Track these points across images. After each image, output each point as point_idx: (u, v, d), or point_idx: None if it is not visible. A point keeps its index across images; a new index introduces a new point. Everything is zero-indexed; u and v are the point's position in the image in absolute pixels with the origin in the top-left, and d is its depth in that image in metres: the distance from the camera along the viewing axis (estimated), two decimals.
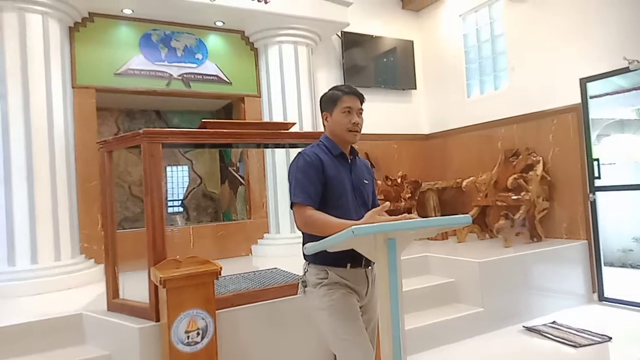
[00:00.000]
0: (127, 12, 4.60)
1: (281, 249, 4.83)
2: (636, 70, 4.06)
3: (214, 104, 6.63)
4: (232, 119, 6.04)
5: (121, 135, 2.86)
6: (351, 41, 5.87)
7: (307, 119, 5.18)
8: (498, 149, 5.28)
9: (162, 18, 4.81)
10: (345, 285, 1.94)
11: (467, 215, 1.80)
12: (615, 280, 4.54)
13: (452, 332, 3.43)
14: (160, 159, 2.64)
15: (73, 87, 4.37)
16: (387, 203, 1.82)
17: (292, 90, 5.17)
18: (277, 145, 4.21)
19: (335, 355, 1.96)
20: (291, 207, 1.93)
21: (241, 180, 6.01)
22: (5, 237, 3.69)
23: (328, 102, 2.06)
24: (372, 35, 6.04)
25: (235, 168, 6.41)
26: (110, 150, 2.94)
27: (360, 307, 1.97)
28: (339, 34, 5.77)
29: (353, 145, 2.14)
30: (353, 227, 1.59)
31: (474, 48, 5.91)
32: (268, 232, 5.22)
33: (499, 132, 5.38)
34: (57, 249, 3.84)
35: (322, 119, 2.12)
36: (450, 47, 6.13)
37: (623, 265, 5.50)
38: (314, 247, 1.75)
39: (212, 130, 2.84)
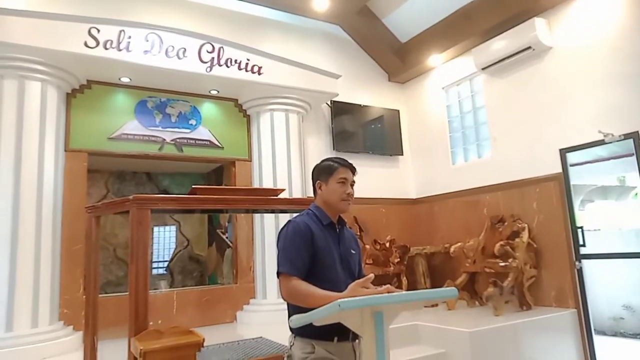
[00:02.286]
0: (125, 80, 4.78)
1: (267, 315, 4.70)
2: (611, 142, 4.27)
3: (205, 167, 6.72)
4: (222, 182, 6.11)
5: (110, 201, 2.88)
6: (340, 109, 6.12)
7: (296, 184, 5.26)
8: (484, 215, 5.36)
9: (158, 86, 5.00)
10: None
11: (452, 288, 1.81)
12: (608, 351, 4.46)
13: None
14: (149, 226, 2.64)
15: (66, 151, 4.44)
16: (372, 275, 1.83)
17: (282, 156, 5.29)
18: (267, 211, 4.24)
19: None
20: (277, 276, 1.92)
21: (229, 243, 5.96)
22: None
23: (323, 172, 2.12)
24: (360, 105, 6.31)
25: (223, 231, 6.38)
26: (98, 216, 2.94)
27: None
28: (329, 102, 6.02)
29: (341, 216, 2.19)
30: (339, 300, 1.59)
31: (457, 118, 6.18)
32: (254, 298, 5.11)
33: (485, 198, 5.49)
34: (35, 316, 3.70)
35: (315, 187, 2.17)
36: (434, 116, 6.41)
37: (615, 335, 5.42)
38: (299, 320, 1.73)
39: (201, 196, 2.87)
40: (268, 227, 5.05)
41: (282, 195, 3.33)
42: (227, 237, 6.14)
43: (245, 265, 5.29)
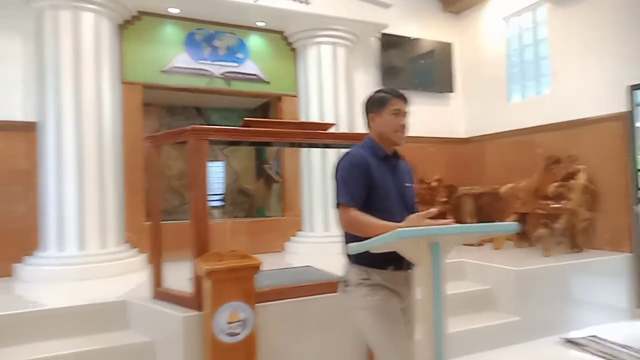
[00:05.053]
0: (174, 11, 4.74)
1: (314, 247, 4.89)
2: None
3: (251, 102, 6.75)
4: (268, 117, 6.14)
5: (169, 131, 2.98)
6: (389, 43, 5.86)
7: (343, 119, 5.21)
8: (538, 156, 5.15)
9: (206, 17, 4.94)
10: (386, 287, 1.96)
11: (513, 222, 1.79)
12: None
13: (487, 339, 3.38)
14: (206, 155, 2.72)
15: (122, 83, 4.55)
16: (434, 209, 1.83)
17: (329, 91, 5.21)
18: (313, 145, 4.26)
19: (370, 355, 1.98)
20: (337, 207, 1.96)
21: (276, 177, 6.10)
22: (56, 224, 3.89)
23: (376, 104, 2.08)
24: (410, 37, 6.00)
25: (270, 166, 6.52)
26: (158, 145, 3.05)
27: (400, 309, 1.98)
28: (378, 35, 5.76)
29: (396, 148, 2.16)
30: (399, 229, 1.61)
31: (516, 52, 5.78)
32: (301, 230, 5.28)
33: (540, 138, 5.25)
34: (104, 237, 4.02)
35: (368, 120, 2.14)
36: (491, 50, 6.02)
37: None
38: (357, 247, 1.77)
39: (256, 128, 2.90)
40: (315, 162, 5.10)
41: (330, 131, 3.31)
42: (274, 172, 6.28)
43: (292, 199, 5.43)
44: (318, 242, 4.91)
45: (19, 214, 4.10)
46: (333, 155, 4.91)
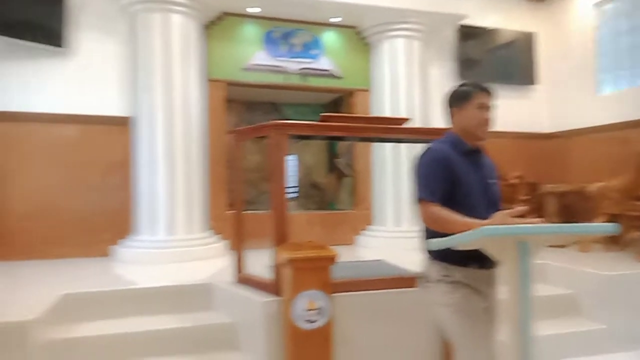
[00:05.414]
0: (255, 10, 4.92)
1: (384, 241, 4.90)
2: None
3: (323, 97, 6.83)
4: (341, 112, 6.19)
5: (251, 126, 3.11)
6: (467, 34, 5.66)
7: (417, 114, 5.12)
8: (632, 153, 4.73)
9: (283, 16, 5.09)
10: (467, 285, 1.93)
11: (613, 224, 1.68)
12: None
13: (571, 346, 3.19)
14: (286, 149, 2.82)
15: (208, 80, 4.82)
16: (522, 207, 1.77)
17: (403, 85, 5.15)
18: (388, 140, 4.24)
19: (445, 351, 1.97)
20: (418, 202, 1.96)
21: (347, 172, 6.16)
22: (148, 210, 4.25)
23: (460, 98, 2.05)
24: (489, 28, 5.74)
25: (341, 160, 6.58)
26: (241, 140, 3.22)
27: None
28: (456, 26, 5.58)
29: (479, 143, 2.12)
30: (484, 227, 1.59)
31: (607, 40, 5.34)
32: (371, 224, 5.30)
33: (635, 134, 4.82)
34: (190, 224, 4.32)
35: (450, 114, 2.11)
36: (579, 39, 5.61)
37: None
38: (439, 243, 1.77)
39: (334, 123, 2.96)
40: (387, 156, 5.09)
41: (406, 125, 3.28)
42: (344, 166, 6.34)
43: (362, 193, 5.45)
44: (389, 237, 4.90)
45: (115, 201, 4.52)
46: (405, 150, 4.87)
